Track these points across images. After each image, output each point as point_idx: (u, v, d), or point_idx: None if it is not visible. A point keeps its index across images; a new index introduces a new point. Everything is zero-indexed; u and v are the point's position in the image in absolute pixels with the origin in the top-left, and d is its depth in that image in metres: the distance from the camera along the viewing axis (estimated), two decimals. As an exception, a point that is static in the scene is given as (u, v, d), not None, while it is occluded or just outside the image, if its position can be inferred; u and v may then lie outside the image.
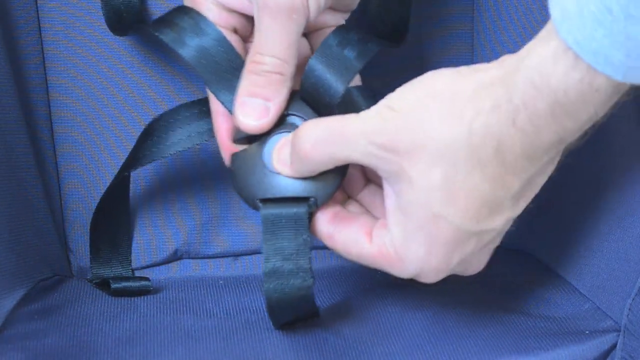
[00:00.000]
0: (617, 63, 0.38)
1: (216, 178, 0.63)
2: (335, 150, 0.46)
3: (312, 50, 0.54)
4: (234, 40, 0.52)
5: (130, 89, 0.62)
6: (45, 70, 0.60)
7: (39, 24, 0.60)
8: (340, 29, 0.51)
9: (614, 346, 0.52)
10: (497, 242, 0.48)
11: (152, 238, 0.63)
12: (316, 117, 0.50)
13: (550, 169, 0.45)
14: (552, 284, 0.58)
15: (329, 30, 0.52)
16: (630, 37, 0.36)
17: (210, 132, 0.54)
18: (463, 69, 0.44)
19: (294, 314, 0.51)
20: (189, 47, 0.50)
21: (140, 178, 0.62)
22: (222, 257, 0.64)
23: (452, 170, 0.43)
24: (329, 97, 0.50)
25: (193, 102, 0.56)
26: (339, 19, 0.54)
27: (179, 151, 0.55)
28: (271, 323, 0.53)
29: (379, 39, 0.54)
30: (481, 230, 0.45)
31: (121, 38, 0.60)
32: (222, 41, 0.51)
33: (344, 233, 0.49)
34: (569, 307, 0.56)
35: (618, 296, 0.53)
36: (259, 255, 0.64)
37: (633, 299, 0.51)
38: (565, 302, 0.56)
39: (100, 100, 0.61)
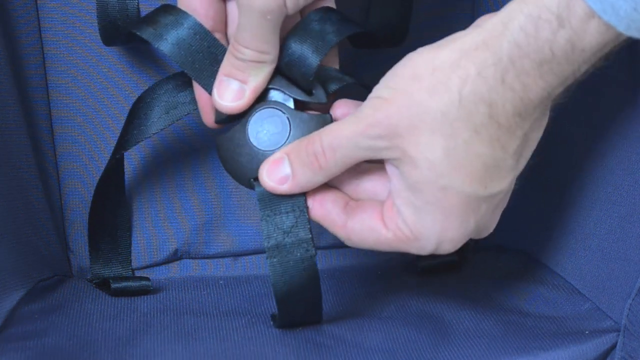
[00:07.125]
0: (622, 14, 0.39)
1: (218, 178, 0.63)
2: (343, 154, 0.47)
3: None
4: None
5: (131, 88, 0.62)
6: (45, 70, 0.60)
7: (39, 24, 0.60)
8: (323, 8, 0.52)
9: (613, 346, 0.52)
10: (505, 203, 0.48)
11: (153, 238, 0.63)
12: (295, 89, 0.52)
13: (543, 124, 0.46)
14: (552, 284, 0.58)
15: None
16: None
17: (189, 103, 0.54)
18: (441, 42, 0.45)
19: (300, 295, 0.51)
20: (166, 41, 0.51)
21: (141, 177, 0.62)
22: (222, 257, 0.64)
23: (451, 141, 0.44)
24: (305, 68, 0.51)
25: (168, 77, 0.56)
26: None
27: (162, 129, 0.55)
28: (272, 322, 0.54)
29: (365, 30, 0.54)
30: (490, 193, 0.46)
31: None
32: (199, 30, 0.51)
33: (358, 221, 0.49)
34: (568, 307, 0.56)
35: (618, 296, 0.53)
36: (259, 255, 0.64)
37: (633, 299, 0.51)
38: (565, 302, 0.56)
39: (100, 100, 0.61)
